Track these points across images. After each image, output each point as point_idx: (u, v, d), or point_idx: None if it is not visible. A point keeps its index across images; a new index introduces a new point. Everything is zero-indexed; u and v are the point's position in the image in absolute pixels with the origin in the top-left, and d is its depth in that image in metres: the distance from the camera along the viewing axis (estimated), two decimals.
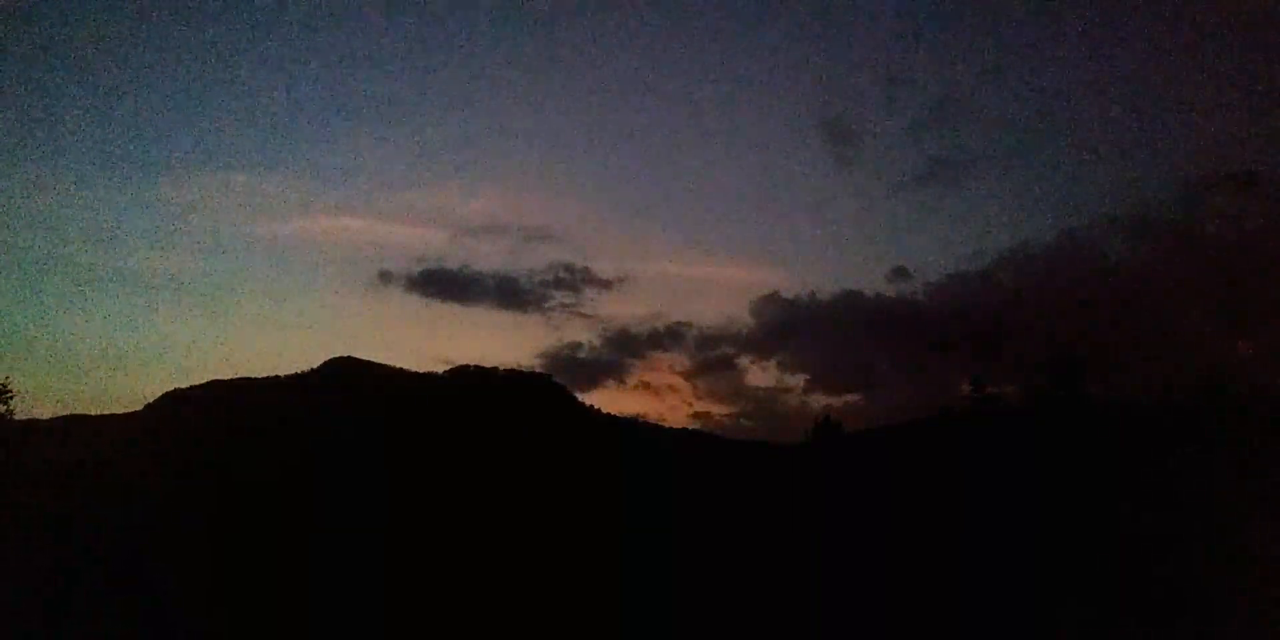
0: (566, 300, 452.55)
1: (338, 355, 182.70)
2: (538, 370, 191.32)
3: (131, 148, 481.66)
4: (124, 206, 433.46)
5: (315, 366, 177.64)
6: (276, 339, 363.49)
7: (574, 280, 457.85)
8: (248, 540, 34.08)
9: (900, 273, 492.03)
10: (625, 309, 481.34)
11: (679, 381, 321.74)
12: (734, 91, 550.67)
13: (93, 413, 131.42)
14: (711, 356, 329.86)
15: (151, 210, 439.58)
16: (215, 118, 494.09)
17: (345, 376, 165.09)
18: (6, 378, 46.28)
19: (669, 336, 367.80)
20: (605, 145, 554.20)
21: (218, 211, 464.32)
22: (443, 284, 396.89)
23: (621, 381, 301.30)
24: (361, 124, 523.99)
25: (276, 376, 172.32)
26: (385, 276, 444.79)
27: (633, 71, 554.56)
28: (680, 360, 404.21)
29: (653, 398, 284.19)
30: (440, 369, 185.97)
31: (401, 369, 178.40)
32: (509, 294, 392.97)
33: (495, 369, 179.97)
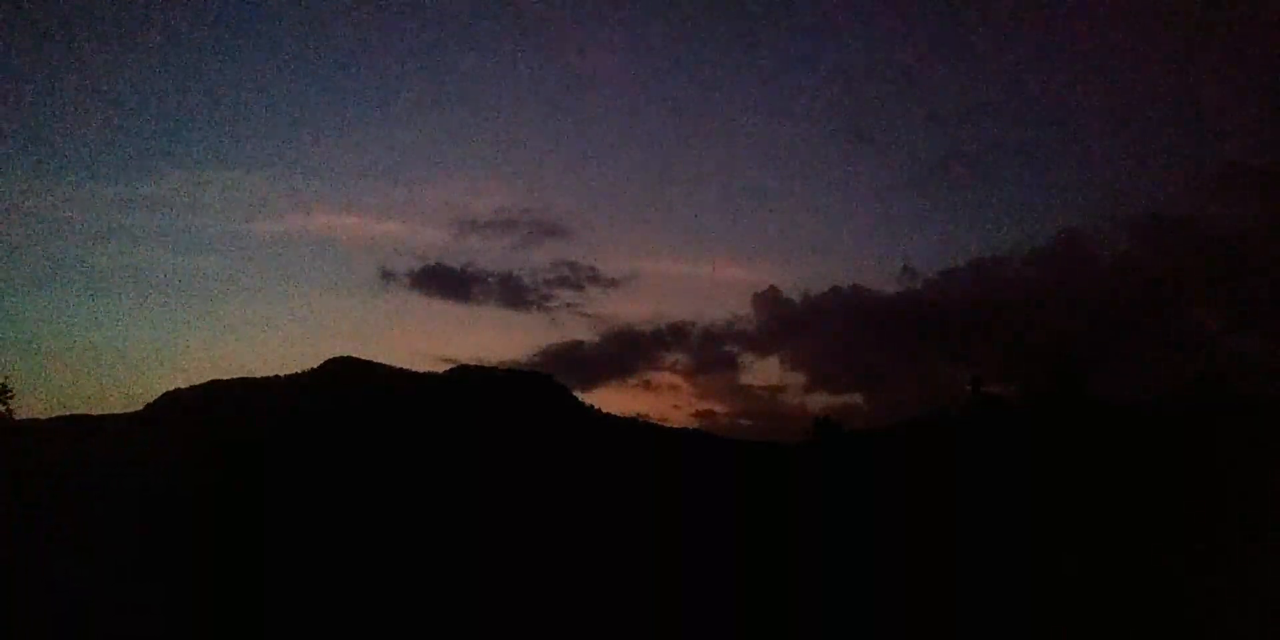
0: (570, 299, 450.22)
1: (338, 355, 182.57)
2: (539, 369, 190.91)
3: (128, 146, 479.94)
4: (121, 205, 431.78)
5: (315, 366, 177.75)
6: (276, 339, 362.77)
7: (578, 279, 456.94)
8: (248, 539, 34.08)
9: (903, 271, 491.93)
10: (628, 307, 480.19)
11: (680, 380, 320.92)
12: (739, 90, 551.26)
13: (93, 413, 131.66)
14: (713, 355, 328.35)
15: (149, 209, 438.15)
16: (213, 114, 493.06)
17: (345, 376, 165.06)
18: (6, 378, 46.41)
19: (671, 335, 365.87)
20: (610, 143, 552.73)
21: (216, 209, 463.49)
22: (445, 282, 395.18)
23: (623, 380, 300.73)
24: (362, 120, 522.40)
25: (276, 376, 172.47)
26: (386, 275, 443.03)
27: (636, 69, 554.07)
28: (682, 359, 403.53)
29: (654, 397, 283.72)
30: (441, 368, 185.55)
31: (402, 369, 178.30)
32: (511, 292, 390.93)
33: (495, 368, 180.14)
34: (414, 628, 27.07)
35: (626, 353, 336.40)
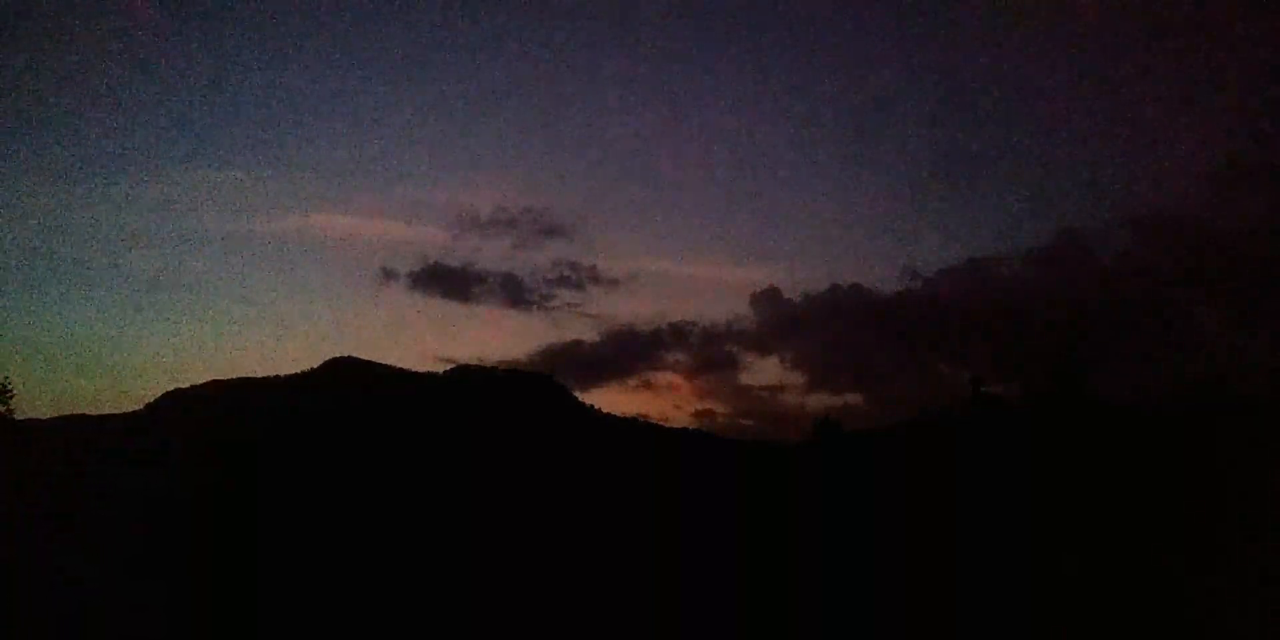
0: (571, 299, 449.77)
1: (338, 355, 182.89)
2: (539, 369, 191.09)
3: (130, 146, 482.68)
4: (123, 206, 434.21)
5: (315, 366, 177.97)
6: (276, 339, 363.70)
7: (579, 279, 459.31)
8: (243, 538, 34.09)
9: (903, 271, 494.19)
10: (629, 307, 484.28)
11: (680, 380, 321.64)
12: (739, 91, 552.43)
13: (93, 413, 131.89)
14: (713, 355, 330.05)
15: (150, 209, 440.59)
16: (213, 115, 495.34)
17: (345, 376, 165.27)
18: (6, 378, 46.42)
19: (672, 335, 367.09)
20: (610, 143, 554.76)
21: (217, 210, 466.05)
22: (445, 282, 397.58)
23: (623, 381, 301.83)
24: (363, 119, 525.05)
25: (276, 376, 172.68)
26: (388, 274, 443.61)
27: (639, 69, 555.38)
28: (683, 359, 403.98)
29: (654, 396, 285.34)
30: (441, 368, 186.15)
31: (402, 369, 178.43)
32: (512, 292, 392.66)
33: (495, 368, 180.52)
34: (413, 627, 27.07)
35: (626, 353, 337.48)
